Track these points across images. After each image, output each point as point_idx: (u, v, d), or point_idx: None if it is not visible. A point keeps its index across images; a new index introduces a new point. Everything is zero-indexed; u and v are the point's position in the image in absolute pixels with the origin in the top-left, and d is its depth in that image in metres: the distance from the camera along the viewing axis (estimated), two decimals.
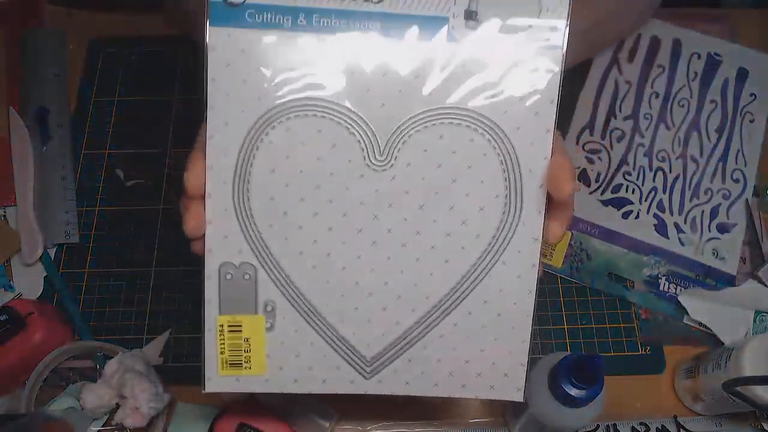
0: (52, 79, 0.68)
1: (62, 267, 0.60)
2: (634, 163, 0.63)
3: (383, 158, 0.37)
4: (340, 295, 0.39)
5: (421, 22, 0.36)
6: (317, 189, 0.37)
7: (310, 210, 0.38)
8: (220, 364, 0.39)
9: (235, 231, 0.38)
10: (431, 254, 0.38)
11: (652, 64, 0.67)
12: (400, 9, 0.36)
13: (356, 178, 0.37)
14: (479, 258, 0.39)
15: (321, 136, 0.37)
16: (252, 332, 0.39)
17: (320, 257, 0.38)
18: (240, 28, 0.36)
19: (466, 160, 0.37)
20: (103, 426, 0.53)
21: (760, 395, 0.46)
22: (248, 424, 0.51)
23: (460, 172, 0.37)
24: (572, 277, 0.59)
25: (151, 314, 0.58)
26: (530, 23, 0.36)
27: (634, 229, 0.60)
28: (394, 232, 0.38)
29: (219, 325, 0.39)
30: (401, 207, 0.38)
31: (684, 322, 0.57)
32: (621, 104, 0.66)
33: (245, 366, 0.39)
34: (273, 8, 0.36)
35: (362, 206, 0.38)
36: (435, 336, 0.39)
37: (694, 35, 0.68)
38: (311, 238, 0.38)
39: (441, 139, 0.37)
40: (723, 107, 0.65)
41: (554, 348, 0.57)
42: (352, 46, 0.36)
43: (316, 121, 0.37)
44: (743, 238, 0.60)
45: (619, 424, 0.53)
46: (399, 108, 0.37)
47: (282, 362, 0.39)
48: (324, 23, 0.36)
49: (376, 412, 0.54)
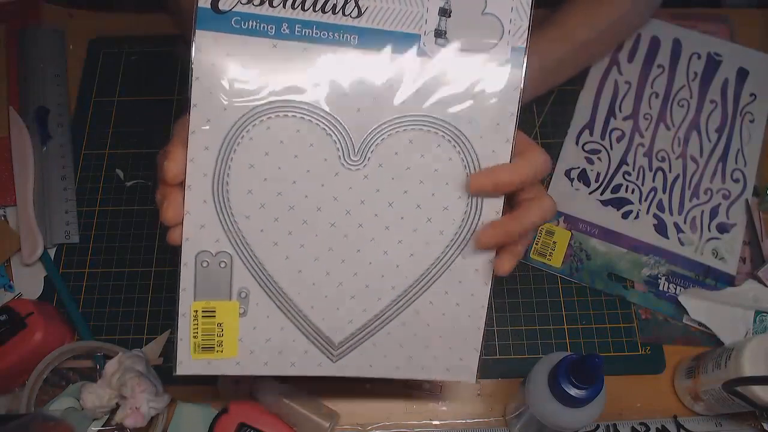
0: (52, 79, 0.68)
1: (62, 267, 0.60)
2: (633, 163, 0.63)
3: (357, 158, 0.40)
4: (312, 283, 0.42)
5: (396, 38, 0.39)
6: (294, 185, 0.40)
7: (286, 204, 0.40)
8: (192, 348, 0.41)
9: (212, 221, 0.40)
10: (398, 248, 0.42)
11: (652, 64, 0.67)
12: (377, 25, 0.39)
13: (331, 176, 0.40)
14: (442, 252, 0.42)
15: (299, 135, 0.40)
16: (225, 317, 0.41)
17: (294, 248, 0.41)
18: (226, 33, 0.38)
19: (433, 163, 0.41)
20: (103, 426, 0.53)
21: (760, 395, 0.46)
22: (248, 424, 0.51)
23: (428, 174, 0.41)
24: (572, 278, 0.59)
25: (151, 314, 0.58)
26: (495, 43, 0.39)
27: (633, 229, 0.60)
28: (364, 227, 0.41)
29: (193, 311, 0.41)
30: (372, 204, 0.41)
31: (684, 322, 0.57)
32: (621, 104, 0.66)
33: (217, 350, 0.41)
34: (258, 17, 0.38)
35: (336, 202, 0.41)
36: (398, 323, 0.43)
37: (694, 35, 0.68)
38: (286, 230, 0.41)
39: (411, 144, 0.40)
40: (723, 107, 0.65)
41: (554, 348, 0.57)
42: (332, 55, 0.39)
43: (295, 121, 0.39)
44: (743, 238, 0.60)
45: (619, 424, 0.53)
46: (373, 114, 0.40)
47: (253, 346, 0.42)
48: (306, 33, 0.39)
49: (377, 412, 0.54)
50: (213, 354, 0.42)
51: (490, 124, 0.40)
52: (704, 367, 0.51)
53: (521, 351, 0.56)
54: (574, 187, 0.62)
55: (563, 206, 0.61)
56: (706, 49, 0.68)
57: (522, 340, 0.57)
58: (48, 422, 0.47)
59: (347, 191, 0.41)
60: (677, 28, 0.68)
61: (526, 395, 0.46)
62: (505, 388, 0.55)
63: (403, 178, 0.41)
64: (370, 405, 0.55)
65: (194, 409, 0.54)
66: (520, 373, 0.52)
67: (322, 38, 0.39)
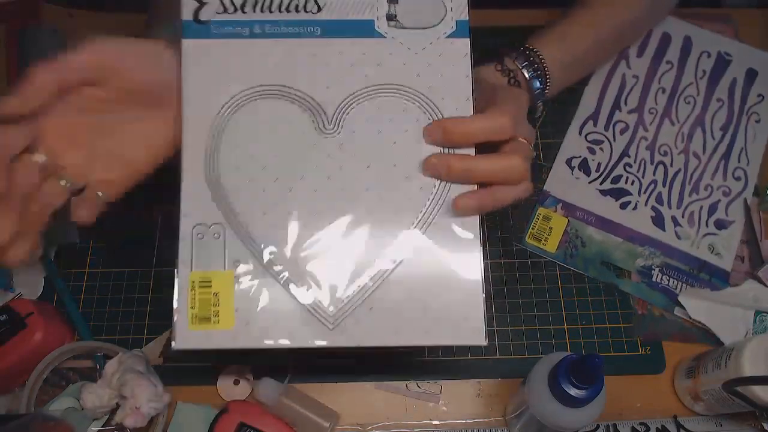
0: None
1: (62, 267, 0.60)
2: (635, 155, 0.63)
3: (331, 128, 0.44)
4: (302, 251, 0.43)
5: (353, 24, 0.45)
6: (276, 158, 0.44)
7: (271, 176, 0.44)
8: (190, 319, 0.42)
9: (206, 197, 0.43)
10: (382, 207, 0.44)
11: (661, 60, 0.67)
12: (335, 17, 0.45)
13: (310, 146, 0.44)
14: (425, 206, 0.44)
15: (278, 114, 0.44)
16: (221, 287, 0.42)
17: (282, 216, 0.43)
18: (208, 39, 0.44)
19: (402, 125, 0.45)
20: (103, 426, 0.53)
21: (760, 395, 0.46)
22: (248, 424, 0.51)
23: (398, 136, 0.44)
24: (566, 263, 0.59)
25: (151, 314, 0.58)
26: (440, 19, 0.45)
27: (631, 219, 0.61)
28: (346, 190, 0.44)
29: (191, 281, 0.42)
30: (351, 168, 0.44)
31: (675, 314, 0.57)
32: (627, 97, 0.66)
33: (213, 320, 0.42)
34: (233, 23, 0.45)
35: (317, 169, 0.44)
36: (393, 282, 0.43)
37: (706, 34, 0.69)
38: (273, 200, 0.43)
39: (379, 110, 0.45)
40: (729, 106, 0.66)
41: (554, 348, 0.57)
42: (299, 46, 0.45)
43: (273, 102, 0.44)
44: (740, 235, 0.60)
45: (619, 424, 0.53)
46: (342, 88, 0.45)
47: (249, 316, 0.42)
48: (275, 31, 0.45)
49: (377, 412, 0.54)
50: (210, 324, 0.42)
51: (449, 86, 0.45)
52: (704, 367, 0.51)
53: (521, 351, 0.57)
54: (574, 175, 0.62)
55: (562, 193, 0.62)
56: (716, 48, 0.68)
57: (522, 340, 0.57)
58: (48, 422, 0.47)
59: (326, 158, 0.44)
60: (689, 26, 0.69)
61: (526, 395, 0.46)
62: (505, 388, 0.55)
63: (377, 141, 0.44)
64: (370, 405, 0.55)
65: (194, 409, 0.54)
66: (520, 373, 0.52)
67: (290, 33, 0.45)
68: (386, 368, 0.56)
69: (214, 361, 0.56)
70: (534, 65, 0.56)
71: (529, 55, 0.56)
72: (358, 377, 0.56)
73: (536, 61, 0.56)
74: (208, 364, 0.56)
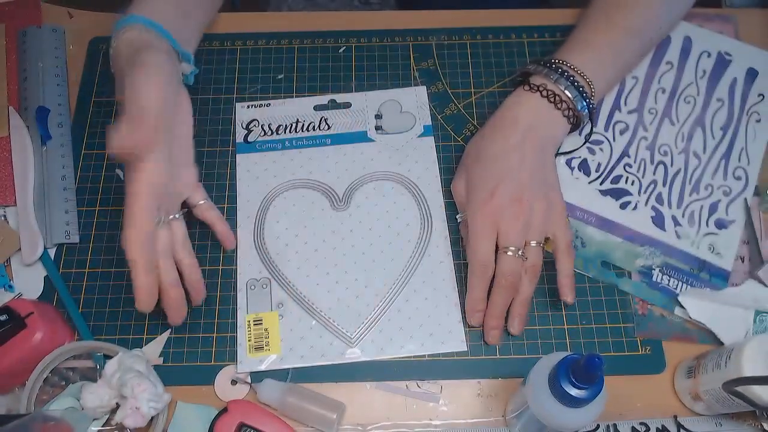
0: (52, 79, 0.68)
1: (62, 267, 0.60)
2: (635, 155, 0.63)
3: (342, 204, 0.62)
4: (327, 291, 0.58)
5: (353, 135, 0.65)
6: (305, 228, 0.61)
7: (302, 241, 0.61)
8: (248, 349, 0.56)
9: (255, 259, 0.60)
10: (381, 256, 0.60)
11: (661, 61, 0.67)
12: (340, 131, 0.66)
13: (327, 218, 0.61)
14: (412, 253, 0.60)
15: (304, 198, 0.63)
16: (269, 324, 0.57)
17: (311, 269, 0.59)
18: (253, 153, 0.65)
19: (392, 198, 0.62)
20: (103, 426, 0.53)
21: (760, 395, 0.46)
22: (248, 424, 0.51)
23: (390, 206, 0.62)
24: None
25: (151, 314, 0.58)
26: (412, 125, 0.66)
27: (630, 219, 0.61)
28: (356, 246, 0.60)
29: (247, 321, 0.57)
30: (358, 231, 0.61)
31: (675, 313, 0.57)
32: (627, 98, 0.66)
33: (266, 349, 0.56)
34: (270, 141, 0.65)
35: (334, 234, 0.61)
36: (394, 310, 0.57)
37: (706, 33, 0.69)
38: (304, 258, 0.60)
39: (374, 189, 0.63)
40: (730, 106, 0.66)
41: (554, 348, 0.57)
42: (316, 152, 0.65)
43: (300, 190, 0.63)
44: (741, 235, 0.60)
45: (619, 424, 0.53)
46: (348, 176, 0.63)
47: (292, 344, 0.56)
48: (299, 143, 0.65)
49: (377, 412, 0.54)
50: (263, 352, 0.56)
51: (423, 170, 0.64)
52: (704, 367, 0.51)
53: (521, 351, 0.57)
54: (574, 175, 0.62)
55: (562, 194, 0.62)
56: (716, 48, 0.68)
57: (522, 340, 0.57)
58: (48, 422, 0.48)
59: (340, 225, 0.61)
60: (688, 26, 0.69)
61: (526, 395, 0.46)
62: (505, 388, 0.55)
63: (375, 211, 0.62)
64: (370, 405, 0.55)
65: (194, 409, 0.54)
66: (520, 373, 0.52)
67: (309, 144, 0.65)
68: (386, 368, 0.56)
69: None
70: (570, 78, 0.57)
71: (564, 71, 0.57)
72: (358, 377, 0.56)
73: (572, 74, 0.57)
74: (208, 363, 0.56)
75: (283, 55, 0.69)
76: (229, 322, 0.57)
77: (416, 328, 0.56)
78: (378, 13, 0.77)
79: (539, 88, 0.57)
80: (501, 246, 0.54)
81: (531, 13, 0.72)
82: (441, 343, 0.56)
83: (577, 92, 0.57)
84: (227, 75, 0.68)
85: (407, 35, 0.70)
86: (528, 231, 0.54)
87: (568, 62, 0.58)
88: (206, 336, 0.57)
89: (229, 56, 0.69)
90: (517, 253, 0.53)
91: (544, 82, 0.57)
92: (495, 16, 0.72)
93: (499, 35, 0.70)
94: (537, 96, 0.57)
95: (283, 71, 0.68)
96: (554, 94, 0.57)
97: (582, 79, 0.57)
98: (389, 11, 0.84)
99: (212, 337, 0.57)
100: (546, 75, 0.57)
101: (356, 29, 0.71)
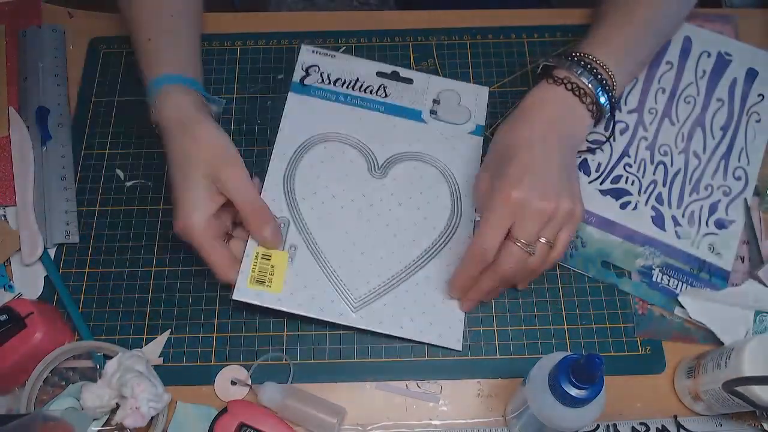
0: (52, 79, 0.68)
1: (62, 267, 0.60)
2: (635, 155, 0.63)
3: (379, 172, 0.62)
4: (342, 250, 0.58)
5: (406, 110, 0.65)
6: (337, 181, 0.61)
7: (330, 193, 0.60)
8: (249, 279, 0.55)
9: (280, 197, 0.59)
10: (404, 234, 0.59)
11: (661, 61, 0.67)
12: (396, 102, 0.65)
13: (362, 180, 0.61)
14: (434, 241, 0.59)
15: (344, 154, 0.62)
16: (277, 262, 0.56)
17: (333, 223, 0.59)
18: (306, 95, 0.65)
19: (427, 181, 0.62)
20: (103, 426, 0.53)
21: (760, 395, 0.46)
22: (248, 424, 0.51)
23: (424, 188, 0.61)
24: (566, 263, 0.59)
25: (151, 314, 0.58)
26: (466, 120, 0.65)
27: (631, 219, 0.61)
28: (381, 216, 0.60)
29: (255, 252, 0.56)
30: (387, 202, 0.60)
31: (675, 313, 0.57)
32: (627, 98, 0.66)
33: (267, 284, 0.55)
34: (326, 90, 0.65)
35: (363, 197, 0.60)
36: (403, 289, 0.57)
37: (706, 33, 0.68)
38: (328, 210, 0.59)
39: (414, 169, 0.62)
40: (729, 106, 0.66)
41: (554, 348, 0.57)
42: (368, 114, 0.64)
43: (342, 145, 0.63)
44: (740, 235, 0.60)
45: (619, 424, 0.53)
46: (391, 147, 0.63)
47: (293, 289, 0.56)
48: (354, 102, 0.65)
49: (377, 412, 0.54)
50: (263, 287, 0.55)
51: (464, 164, 0.63)
52: (704, 367, 0.51)
53: (521, 351, 0.57)
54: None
55: None
56: (716, 48, 0.68)
57: (522, 340, 0.57)
58: (48, 422, 0.48)
59: (371, 191, 0.61)
60: (689, 26, 0.69)
61: (526, 395, 0.46)
62: (505, 388, 0.55)
63: (409, 189, 0.61)
64: (370, 405, 0.55)
65: (194, 409, 0.54)
66: (520, 373, 0.52)
67: (363, 105, 0.65)
68: (386, 368, 0.56)
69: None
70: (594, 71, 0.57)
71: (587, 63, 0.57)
72: (358, 377, 0.56)
73: (594, 67, 0.57)
74: (208, 363, 0.56)
75: (283, 55, 0.69)
76: (229, 323, 0.57)
77: (419, 313, 0.56)
78: (378, 13, 0.77)
79: (563, 81, 0.57)
80: (513, 236, 0.52)
81: (531, 13, 0.72)
82: (438, 335, 0.56)
83: (600, 85, 0.57)
84: (227, 75, 0.68)
85: (407, 35, 0.70)
86: (545, 229, 0.53)
87: (591, 55, 0.57)
88: (206, 336, 0.57)
89: (229, 56, 0.69)
90: (525, 247, 0.52)
91: (567, 75, 0.57)
92: (495, 16, 0.72)
93: (499, 35, 0.70)
94: (561, 89, 0.57)
95: (283, 71, 0.68)
96: (578, 87, 0.56)
97: (605, 72, 0.57)
98: (389, 11, 0.84)
99: (212, 337, 0.57)
100: (569, 68, 0.57)
101: (356, 29, 0.71)
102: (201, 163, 0.54)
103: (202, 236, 0.53)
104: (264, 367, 0.56)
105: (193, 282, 0.59)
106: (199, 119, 0.56)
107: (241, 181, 0.54)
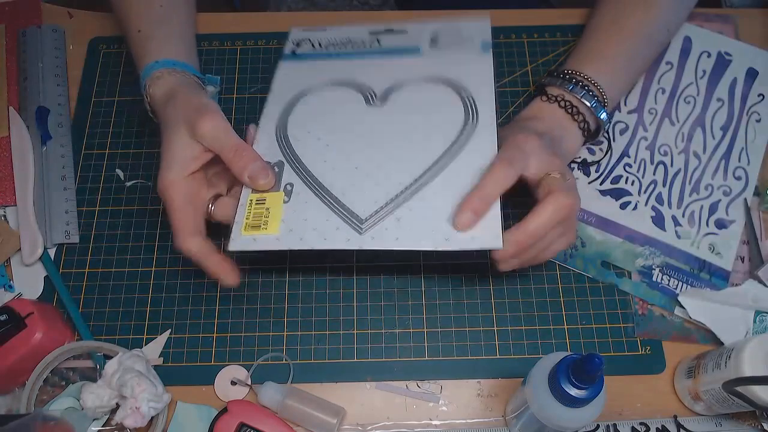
0: (52, 79, 0.68)
1: (62, 267, 0.60)
2: (635, 155, 0.63)
3: (378, 101, 0.58)
4: (344, 175, 0.53)
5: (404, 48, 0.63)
6: (332, 118, 0.57)
7: (325, 129, 0.56)
8: (243, 227, 0.51)
9: (273, 145, 0.56)
10: (412, 147, 0.54)
11: (661, 61, 0.67)
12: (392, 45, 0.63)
13: (360, 111, 0.57)
14: (450, 146, 0.54)
15: (339, 94, 0.59)
16: (273, 203, 0.52)
17: (331, 154, 0.55)
18: (297, 62, 0.63)
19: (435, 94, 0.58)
20: (103, 426, 0.53)
21: (760, 395, 0.46)
22: (248, 424, 0.51)
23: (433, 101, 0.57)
24: (566, 263, 0.59)
25: (151, 314, 0.58)
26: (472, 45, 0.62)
27: (630, 219, 0.61)
28: (385, 136, 0.55)
29: (249, 200, 0.52)
30: (391, 122, 0.56)
31: (675, 313, 0.57)
32: (626, 98, 0.66)
33: (262, 227, 0.50)
34: (317, 54, 0.63)
35: (362, 124, 0.56)
36: (418, 199, 0.51)
37: (706, 33, 0.69)
38: (325, 143, 0.55)
39: (417, 90, 0.59)
40: (730, 106, 0.66)
41: (554, 348, 0.57)
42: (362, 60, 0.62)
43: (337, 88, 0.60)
44: (741, 235, 0.60)
45: (619, 424, 0.53)
46: (390, 78, 0.60)
47: (292, 225, 0.51)
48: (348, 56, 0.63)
49: (377, 412, 0.54)
50: (259, 230, 0.50)
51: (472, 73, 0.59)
52: (704, 367, 0.51)
53: (521, 351, 0.57)
54: (574, 176, 0.62)
55: None
56: (716, 48, 0.68)
57: (522, 340, 0.57)
58: (48, 422, 0.48)
59: (370, 118, 0.57)
60: (688, 26, 0.69)
61: (526, 395, 0.46)
62: (505, 388, 0.55)
63: (413, 106, 0.57)
64: (370, 405, 0.55)
65: (194, 409, 0.54)
66: (520, 373, 0.52)
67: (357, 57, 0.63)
68: (386, 368, 0.56)
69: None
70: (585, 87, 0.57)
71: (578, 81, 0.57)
72: (358, 377, 0.56)
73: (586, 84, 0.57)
74: (208, 363, 0.56)
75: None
76: (229, 323, 0.57)
77: (442, 220, 0.49)
78: (378, 13, 0.77)
79: (557, 98, 0.57)
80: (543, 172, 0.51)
81: (531, 13, 0.72)
82: (471, 238, 0.48)
83: (593, 101, 0.57)
84: (227, 75, 0.69)
85: None
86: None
87: (582, 72, 0.58)
88: (206, 336, 0.57)
89: (229, 56, 0.70)
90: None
91: (561, 92, 0.57)
92: (495, 16, 0.71)
93: (499, 35, 0.70)
94: (555, 107, 0.57)
95: None
96: (572, 105, 0.57)
97: (596, 88, 0.57)
98: (389, 11, 0.84)
99: (212, 337, 0.57)
100: (561, 86, 0.57)
101: None
102: (180, 121, 0.52)
103: (174, 195, 0.51)
104: (264, 367, 0.56)
105: (193, 282, 0.59)
106: (185, 90, 0.55)
107: (217, 127, 0.51)
